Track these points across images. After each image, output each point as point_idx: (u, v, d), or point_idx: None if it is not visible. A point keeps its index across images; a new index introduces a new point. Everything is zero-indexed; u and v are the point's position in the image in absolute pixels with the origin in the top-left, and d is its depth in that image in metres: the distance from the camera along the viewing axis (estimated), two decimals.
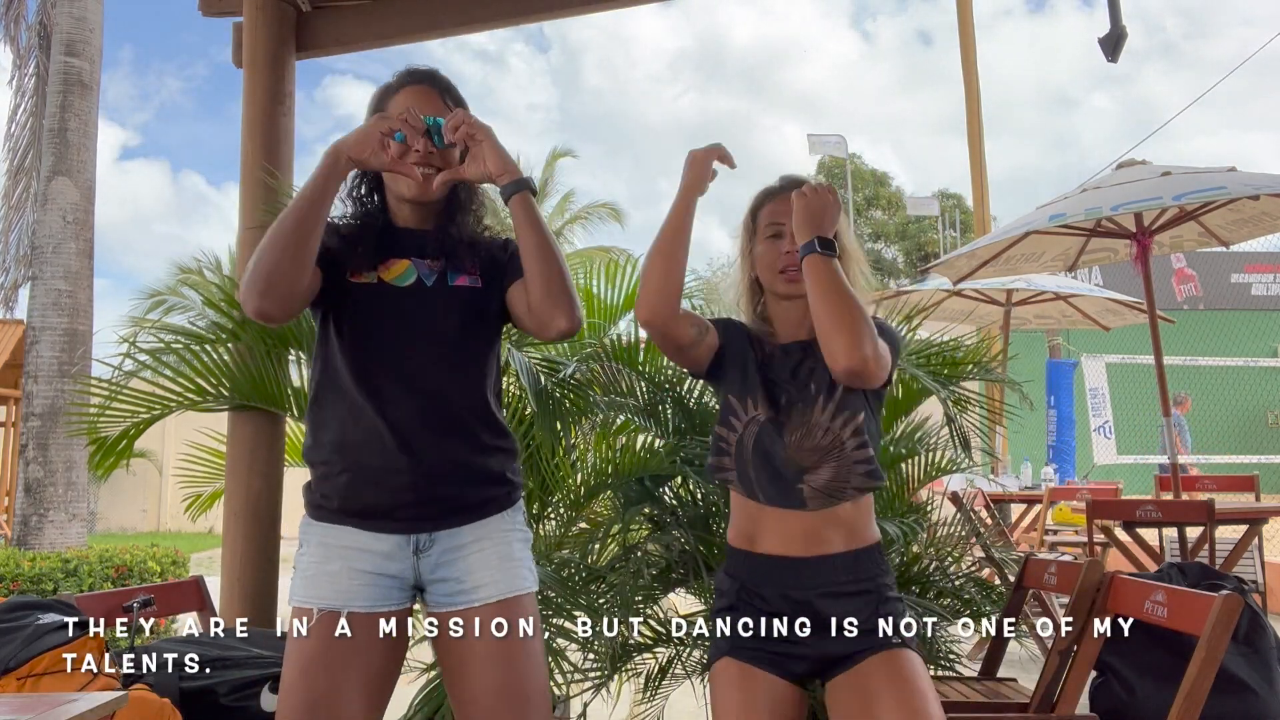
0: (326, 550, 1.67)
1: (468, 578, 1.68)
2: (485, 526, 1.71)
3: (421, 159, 1.71)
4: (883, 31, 69.11)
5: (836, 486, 1.72)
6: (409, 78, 1.81)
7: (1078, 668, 2.28)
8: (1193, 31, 73.70)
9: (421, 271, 1.75)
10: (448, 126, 1.69)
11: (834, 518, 1.74)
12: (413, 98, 1.77)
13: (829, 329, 1.66)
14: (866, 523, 1.78)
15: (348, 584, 1.65)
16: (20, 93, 10.42)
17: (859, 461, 1.73)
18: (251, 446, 3.07)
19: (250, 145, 3.22)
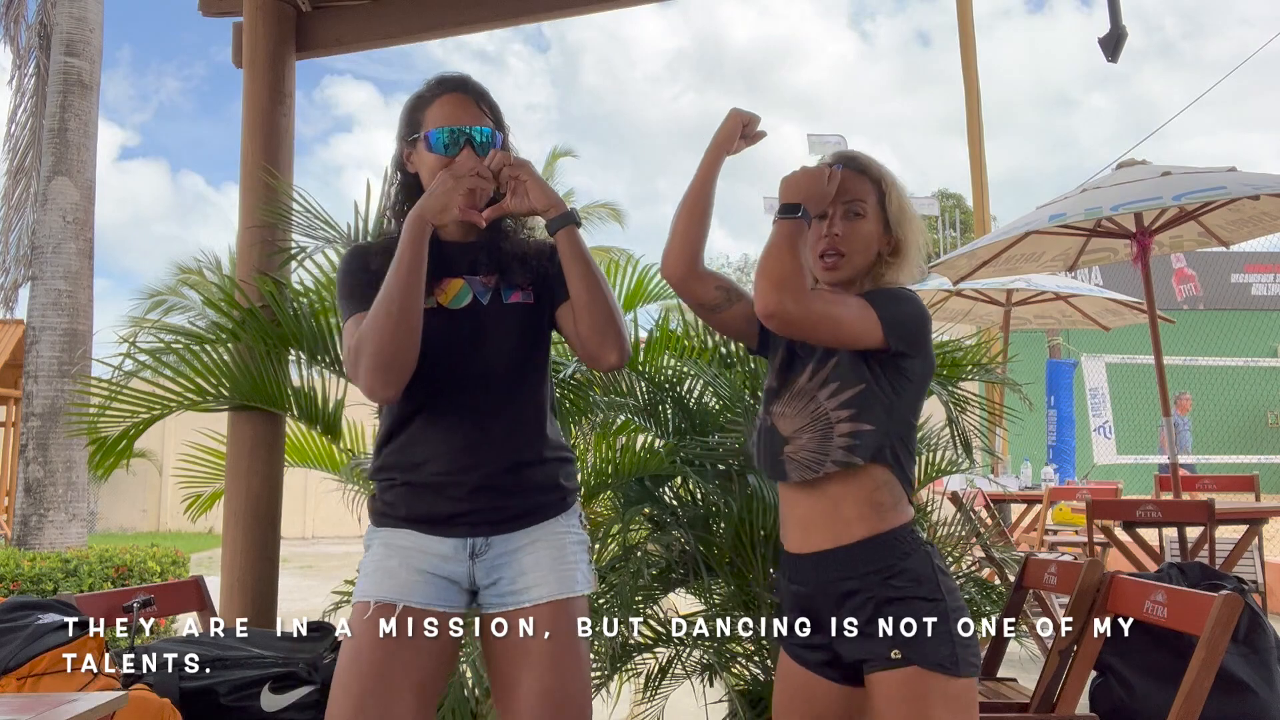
0: (388, 549, 1.72)
1: (520, 578, 1.70)
2: (540, 530, 1.74)
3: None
4: (881, 32, 69.13)
5: (815, 458, 1.65)
6: (442, 86, 1.80)
7: (1078, 668, 2.28)
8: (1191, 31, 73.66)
9: (476, 290, 1.77)
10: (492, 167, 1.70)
11: (823, 498, 1.66)
12: (450, 106, 1.76)
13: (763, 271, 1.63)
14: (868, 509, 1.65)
15: (405, 578, 1.68)
16: (20, 93, 10.43)
17: (844, 435, 1.64)
18: (251, 446, 3.07)
19: (250, 145, 3.22)
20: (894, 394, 1.67)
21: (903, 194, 1.78)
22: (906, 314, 1.67)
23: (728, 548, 2.68)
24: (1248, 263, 15.63)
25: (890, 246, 1.76)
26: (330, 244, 3.07)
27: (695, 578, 2.71)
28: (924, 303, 1.77)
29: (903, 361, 1.67)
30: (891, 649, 1.58)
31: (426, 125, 1.77)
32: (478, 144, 1.74)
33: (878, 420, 1.65)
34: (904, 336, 1.65)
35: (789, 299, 1.59)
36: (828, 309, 1.63)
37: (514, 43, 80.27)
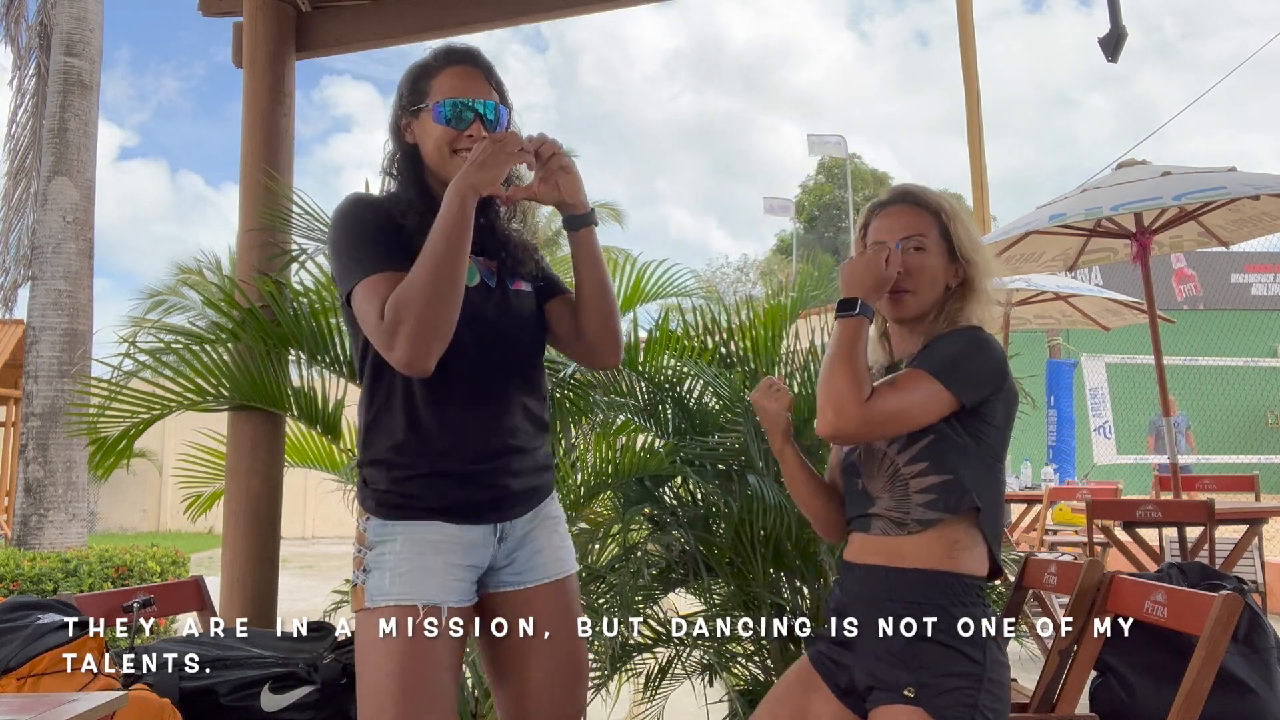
0: (419, 546, 1.64)
1: (535, 557, 1.74)
2: (542, 508, 1.78)
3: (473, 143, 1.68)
4: (880, 32, 69.21)
5: (898, 517, 1.61)
6: (450, 57, 1.74)
7: (1078, 668, 2.27)
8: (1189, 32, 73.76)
9: (481, 272, 1.73)
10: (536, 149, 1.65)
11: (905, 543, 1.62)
12: (458, 79, 1.72)
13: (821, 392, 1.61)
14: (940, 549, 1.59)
15: (447, 579, 1.64)
16: (20, 93, 10.42)
17: (920, 490, 1.59)
18: (251, 447, 3.07)
19: (250, 145, 3.22)
20: (973, 440, 1.62)
21: (968, 224, 1.73)
22: (973, 365, 1.61)
23: (728, 548, 2.68)
24: (1248, 263, 15.64)
25: (958, 279, 1.71)
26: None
27: (695, 578, 2.71)
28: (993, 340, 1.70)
29: (982, 409, 1.62)
30: (907, 684, 1.52)
31: (433, 96, 1.71)
32: (487, 120, 1.70)
33: (954, 469, 1.59)
34: (977, 388, 1.60)
35: (848, 420, 1.56)
36: (889, 409, 1.57)
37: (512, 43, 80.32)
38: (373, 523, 1.68)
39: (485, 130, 1.69)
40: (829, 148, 23.34)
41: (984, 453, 1.63)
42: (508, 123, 1.76)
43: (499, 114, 1.73)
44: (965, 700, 1.50)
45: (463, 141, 1.69)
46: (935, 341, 1.66)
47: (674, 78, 72.27)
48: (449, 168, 1.69)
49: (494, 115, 1.72)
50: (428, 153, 1.73)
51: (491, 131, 1.69)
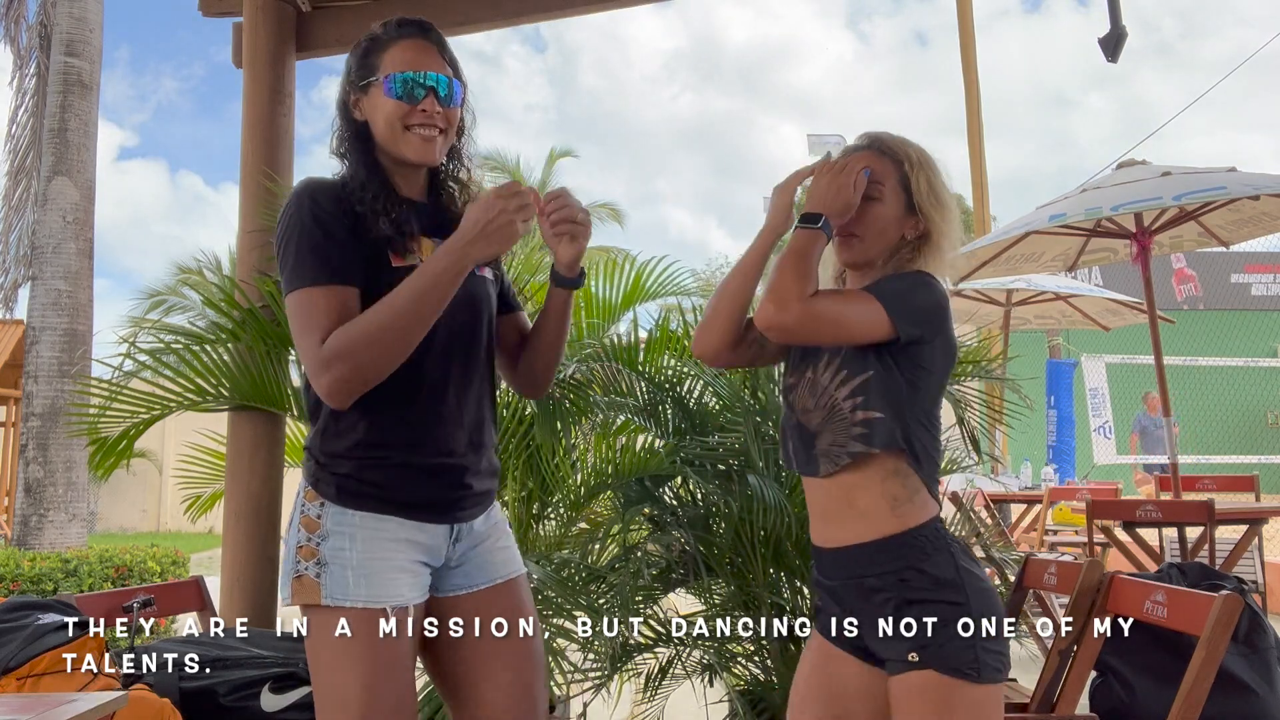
0: (382, 543, 1.56)
1: (487, 559, 1.70)
2: (492, 513, 1.76)
3: (426, 119, 1.62)
4: (878, 33, 69.24)
5: (835, 449, 1.63)
6: (401, 30, 1.66)
7: (1078, 668, 2.28)
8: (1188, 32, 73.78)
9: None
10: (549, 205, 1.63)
11: (845, 494, 1.63)
12: (411, 52, 1.64)
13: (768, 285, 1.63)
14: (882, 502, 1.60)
15: (413, 579, 1.59)
16: (21, 93, 10.42)
17: (856, 423, 1.60)
18: (251, 447, 3.07)
19: (250, 146, 3.22)
20: (907, 382, 1.62)
21: (933, 177, 1.71)
22: (918, 301, 1.62)
23: (728, 548, 2.68)
24: (1248, 263, 15.64)
25: (916, 231, 1.70)
26: None
27: (695, 578, 2.71)
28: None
29: (917, 349, 1.62)
30: (909, 651, 1.54)
31: (384, 69, 1.63)
32: (441, 95, 1.63)
33: (889, 407, 1.60)
34: (915, 324, 1.60)
35: (787, 312, 1.57)
36: (828, 311, 1.60)
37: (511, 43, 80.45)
38: (330, 510, 1.56)
39: (439, 105, 1.63)
40: (829, 147, 23.37)
41: (920, 399, 1.64)
42: (461, 99, 1.69)
43: (453, 89, 1.66)
44: (965, 644, 1.53)
45: (415, 117, 1.61)
46: (883, 279, 1.67)
47: (673, 78, 72.40)
48: (400, 145, 1.63)
49: (447, 91, 1.65)
50: (378, 129, 1.65)
51: (445, 107, 1.64)
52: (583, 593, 2.71)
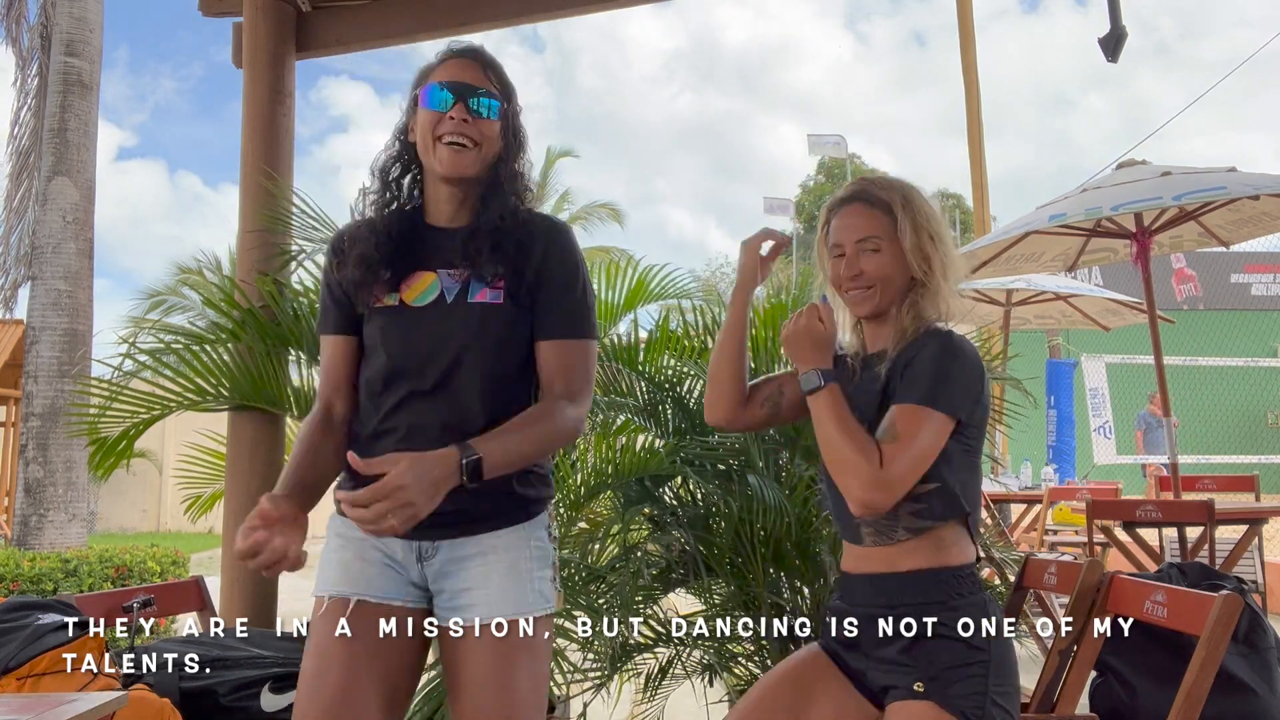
0: (343, 540, 1.65)
1: (465, 593, 1.61)
2: (491, 540, 1.62)
3: (455, 127, 1.61)
4: (877, 33, 69.38)
5: (886, 525, 1.62)
6: (450, 53, 1.69)
7: (1078, 668, 2.27)
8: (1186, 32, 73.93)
9: (445, 284, 1.64)
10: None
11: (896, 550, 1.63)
12: (452, 69, 1.65)
13: (835, 471, 1.60)
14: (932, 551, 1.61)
15: (360, 571, 1.62)
16: (23, 94, 10.42)
17: (909, 499, 1.58)
18: (251, 447, 3.07)
19: (250, 145, 3.22)
20: (957, 444, 1.62)
21: (925, 219, 1.71)
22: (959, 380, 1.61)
23: (728, 548, 2.68)
24: (1248, 263, 15.65)
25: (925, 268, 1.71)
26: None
27: (695, 578, 2.71)
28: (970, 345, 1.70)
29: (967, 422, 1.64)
30: (916, 680, 1.54)
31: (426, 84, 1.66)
32: (471, 104, 1.61)
33: (942, 475, 1.60)
34: (968, 400, 1.61)
35: (874, 491, 1.54)
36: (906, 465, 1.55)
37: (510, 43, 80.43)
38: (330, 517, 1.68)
39: (468, 114, 1.61)
40: (829, 148, 23.33)
41: (967, 454, 1.65)
42: (500, 114, 1.65)
43: (494, 107, 1.64)
44: (975, 689, 1.53)
45: (444, 125, 1.61)
46: (910, 357, 1.64)
47: (672, 78, 72.43)
48: (431, 157, 1.63)
49: (480, 105, 1.62)
50: (419, 145, 1.66)
51: (476, 118, 1.61)
52: (583, 593, 2.71)
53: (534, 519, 1.66)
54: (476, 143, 1.62)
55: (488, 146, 1.64)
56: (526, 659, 1.58)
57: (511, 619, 1.58)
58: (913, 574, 1.61)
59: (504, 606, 1.59)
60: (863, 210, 1.72)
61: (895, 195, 1.72)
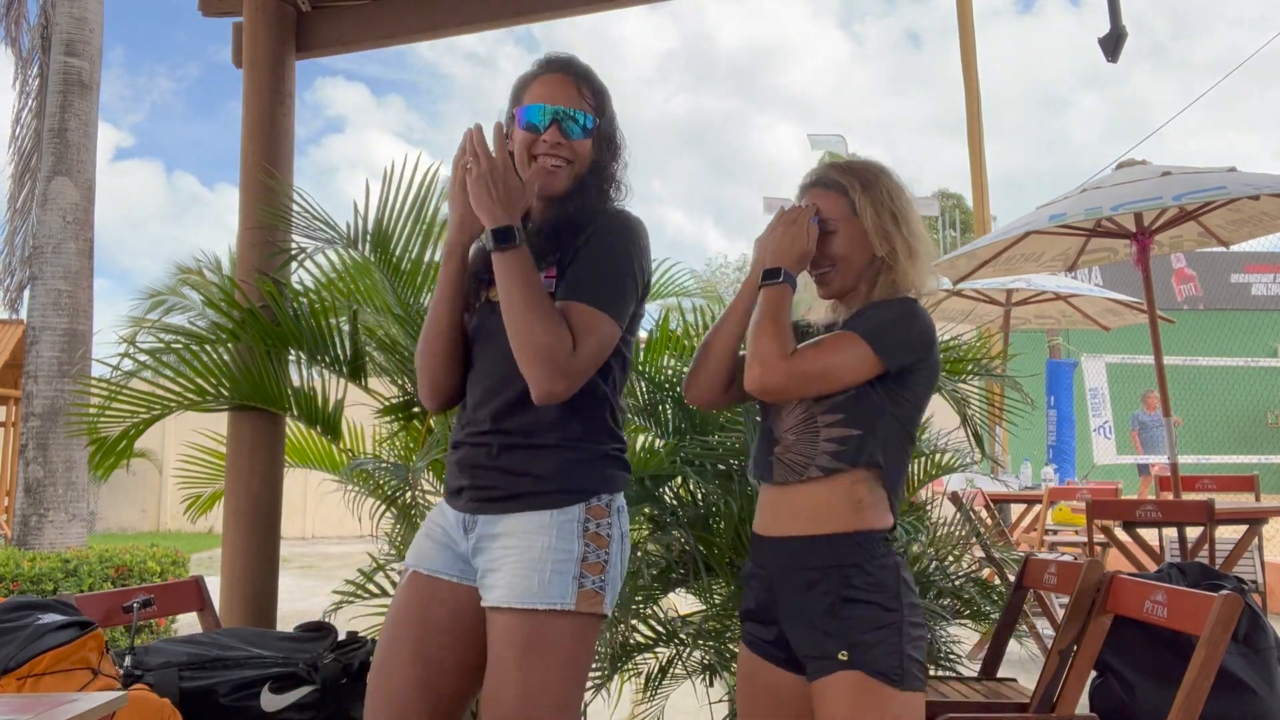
0: (429, 519, 1.83)
1: (490, 573, 1.66)
2: (516, 521, 1.65)
3: (548, 149, 1.70)
4: (871, 33, 69.44)
5: (800, 461, 1.67)
6: (546, 66, 1.77)
7: (1078, 668, 2.28)
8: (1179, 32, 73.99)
9: None
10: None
11: (801, 497, 1.67)
12: (547, 85, 1.73)
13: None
14: (846, 509, 1.64)
15: (422, 544, 1.78)
16: (24, 95, 10.42)
17: (830, 440, 1.65)
18: (251, 447, 3.07)
19: (250, 145, 3.22)
20: (890, 401, 1.67)
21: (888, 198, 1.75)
22: (903, 333, 1.67)
23: (728, 548, 2.69)
24: (1248, 263, 15.65)
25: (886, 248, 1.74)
26: (330, 244, 3.07)
27: (695, 578, 2.71)
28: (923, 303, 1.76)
29: (905, 374, 1.68)
30: (840, 649, 1.58)
31: (523, 102, 1.74)
32: (564, 126, 1.70)
33: (867, 425, 1.65)
34: (902, 354, 1.66)
35: (773, 374, 1.63)
36: (813, 366, 1.64)
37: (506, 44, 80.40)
38: None
39: (562, 136, 1.70)
40: (829, 147, 23.33)
41: (899, 415, 1.69)
42: (593, 132, 1.74)
43: (586, 126, 1.72)
44: (892, 649, 1.57)
45: (539, 146, 1.70)
46: (869, 308, 1.72)
47: (667, 79, 72.48)
48: (525, 173, 1.71)
49: (578, 128, 1.71)
50: (516, 159, 1.73)
51: (569, 139, 1.71)
52: None
53: (566, 508, 1.64)
54: (570, 161, 1.72)
55: (580, 163, 1.74)
56: (539, 651, 1.57)
57: (519, 608, 1.59)
58: (827, 537, 1.63)
59: (509, 594, 1.60)
60: (820, 194, 1.78)
61: (853, 178, 1.77)
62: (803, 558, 1.65)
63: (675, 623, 2.75)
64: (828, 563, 1.62)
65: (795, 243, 1.73)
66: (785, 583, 1.66)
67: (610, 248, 1.68)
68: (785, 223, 1.74)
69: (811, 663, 1.62)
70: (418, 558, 1.77)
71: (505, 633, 1.60)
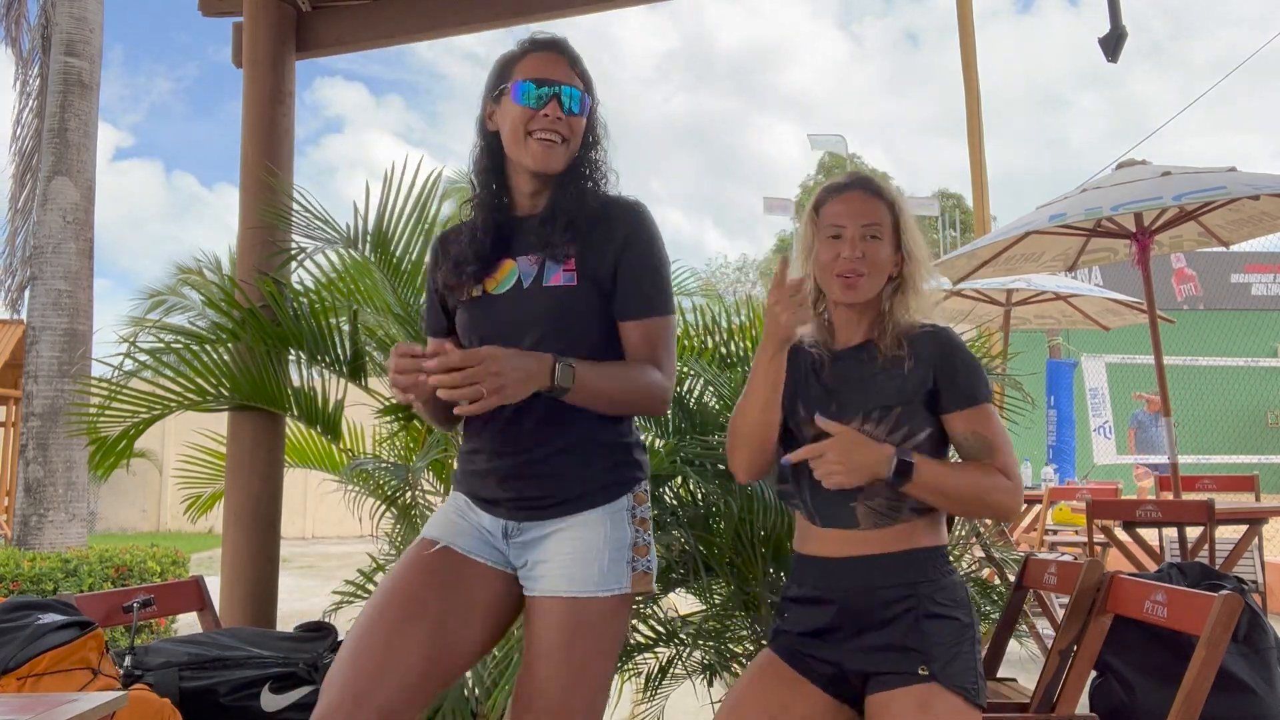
0: (454, 504, 1.80)
1: (539, 565, 1.67)
2: (574, 519, 1.68)
3: (548, 124, 1.67)
4: (869, 33, 69.47)
5: (892, 507, 1.64)
6: (535, 44, 1.74)
7: (1078, 668, 2.27)
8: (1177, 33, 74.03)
9: (523, 270, 1.70)
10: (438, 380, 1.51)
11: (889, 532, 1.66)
12: (540, 61, 1.71)
13: (981, 510, 1.69)
14: (923, 530, 1.66)
15: (457, 524, 1.75)
16: (25, 95, 10.42)
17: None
18: (251, 447, 3.07)
19: (250, 145, 3.22)
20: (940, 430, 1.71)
21: (912, 220, 1.79)
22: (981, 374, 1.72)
23: (728, 548, 2.68)
24: (1248, 263, 15.65)
25: (897, 269, 1.75)
26: (330, 244, 3.07)
27: (695, 578, 2.71)
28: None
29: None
30: (920, 664, 1.57)
31: (514, 78, 1.70)
32: (564, 103, 1.68)
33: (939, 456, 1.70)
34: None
35: (1010, 500, 1.64)
36: (1010, 450, 1.67)
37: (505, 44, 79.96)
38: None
39: (561, 112, 1.67)
40: (829, 146, 23.33)
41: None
42: (589, 110, 1.73)
43: (583, 102, 1.71)
44: (969, 665, 1.58)
45: (537, 122, 1.67)
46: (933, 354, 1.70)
47: (665, 79, 72.47)
48: (522, 151, 1.69)
49: (573, 103, 1.69)
50: (505, 137, 1.71)
51: (568, 115, 1.68)
52: None
53: (615, 501, 1.70)
54: (566, 139, 1.69)
55: (575, 141, 1.72)
56: (589, 634, 1.63)
57: (574, 596, 1.63)
58: (908, 553, 1.64)
59: (569, 583, 1.64)
60: (866, 197, 1.75)
61: (893, 191, 1.79)
62: (882, 576, 1.64)
63: (675, 623, 2.75)
64: (909, 579, 1.63)
65: (861, 456, 1.62)
66: (863, 602, 1.64)
67: (652, 250, 1.72)
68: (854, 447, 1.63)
69: (878, 678, 1.60)
70: (450, 534, 1.73)
71: (557, 619, 1.63)
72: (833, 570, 1.68)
